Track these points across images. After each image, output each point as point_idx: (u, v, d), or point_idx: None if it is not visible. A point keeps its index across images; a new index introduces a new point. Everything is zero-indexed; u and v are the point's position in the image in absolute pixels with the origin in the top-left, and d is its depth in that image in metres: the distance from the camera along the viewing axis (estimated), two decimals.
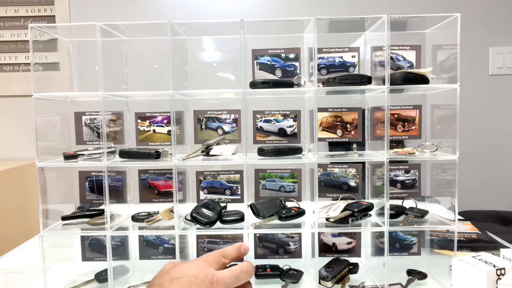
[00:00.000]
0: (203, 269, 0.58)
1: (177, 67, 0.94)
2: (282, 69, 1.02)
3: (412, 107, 1.00)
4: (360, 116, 1.01)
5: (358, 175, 1.00)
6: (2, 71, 2.19)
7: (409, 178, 1.00)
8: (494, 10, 2.10)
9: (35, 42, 0.95)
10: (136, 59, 1.10)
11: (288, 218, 0.92)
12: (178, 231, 0.91)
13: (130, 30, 1.03)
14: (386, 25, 0.86)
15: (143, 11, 2.16)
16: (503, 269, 0.63)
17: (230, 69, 1.19)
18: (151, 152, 0.93)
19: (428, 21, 0.96)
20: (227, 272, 0.59)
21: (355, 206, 0.92)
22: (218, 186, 1.04)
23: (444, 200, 1.02)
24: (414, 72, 0.90)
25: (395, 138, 0.99)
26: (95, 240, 1.03)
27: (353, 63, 1.01)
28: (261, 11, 2.16)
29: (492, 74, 2.13)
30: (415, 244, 1.01)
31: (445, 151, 0.92)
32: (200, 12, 2.16)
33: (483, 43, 2.11)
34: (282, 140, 1.03)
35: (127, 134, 1.07)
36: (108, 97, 0.94)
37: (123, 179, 1.04)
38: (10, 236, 1.78)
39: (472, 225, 1.23)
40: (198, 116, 1.05)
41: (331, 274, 0.86)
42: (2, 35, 2.17)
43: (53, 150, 1.00)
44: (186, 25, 0.97)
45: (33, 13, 2.16)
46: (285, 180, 1.03)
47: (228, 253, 0.64)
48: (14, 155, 2.19)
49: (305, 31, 1.02)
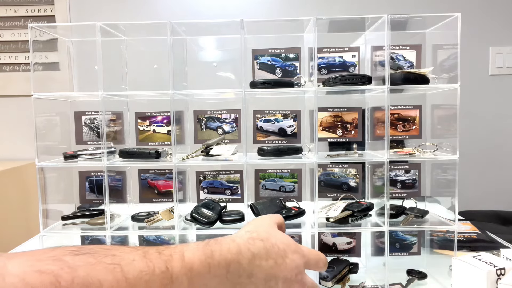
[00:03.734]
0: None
1: (177, 67, 0.94)
2: (282, 69, 1.02)
3: (412, 107, 1.00)
4: (360, 116, 1.01)
5: (358, 175, 1.00)
6: (2, 71, 2.19)
7: (409, 178, 1.00)
8: (494, 10, 2.10)
9: (35, 42, 0.95)
10: (136, 59, 1.10)
11: (288, 218, 0.92)
12: (178, 231, 0.91)
13: (130, 30, 1.03)
14: (386, 25, 0.86)
15: (143, 11, 2.16)
16: (503, 269, 0.63)
17: (230, 69, 1.19)
18: (151, 152, 0.93)
19: (428, 21, 0.96)
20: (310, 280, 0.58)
21: (355, 206, 0.92)
22: (218, 186, 1.04)
23: (444, 200, 1.02)
24: (414, 72, 0.90)
25: (395, 138, 0.99)
26: (95, 240, 1.03)
27: (353, 63, 1.01)
28: (261, 11, 2.16)
29: (492, 74, 2.13)
30: (415, 244, 1.01)
31: (445, 151, 0.92)
32: (200, 12, 2.17)
33: (483, 43, 2.11)
34: (282, 140, 1.03)
35: (127, 134, 1.07)
36: (108, 97, 0.94)
37: (123, 179, 1.04)
38: (10, 236, 1.78)
39: (472, 225, 1.23)
40: (198, 116, 1.05)
41: (331, 274, 0.86)
42: (2, 35, 2.17)
43: (53, 150, 1.00)
44: (186, 25, 0.97)
45: (33, 13, 2.16)
46: (285, 180, 1.03)
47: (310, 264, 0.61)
48: (14, 155, 2.19)
49: (305, 31, 1.02)
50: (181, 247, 0.48)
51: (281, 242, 0.55)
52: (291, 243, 0.56)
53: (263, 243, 0.53)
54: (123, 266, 0.41)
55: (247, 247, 0.52)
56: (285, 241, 0.56)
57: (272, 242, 0.54)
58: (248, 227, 0.58)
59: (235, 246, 0.51)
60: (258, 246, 0.53)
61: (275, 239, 0.55)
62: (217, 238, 0.53)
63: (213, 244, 0.51)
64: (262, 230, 0.56)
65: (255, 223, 0.59)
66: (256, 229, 0.56)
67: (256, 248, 0.52)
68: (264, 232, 0.56)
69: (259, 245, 0.53)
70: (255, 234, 0.55)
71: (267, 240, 0.54)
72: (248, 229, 0.56)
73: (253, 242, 0.53)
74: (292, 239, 0.57)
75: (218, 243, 0.51)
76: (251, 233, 0.55)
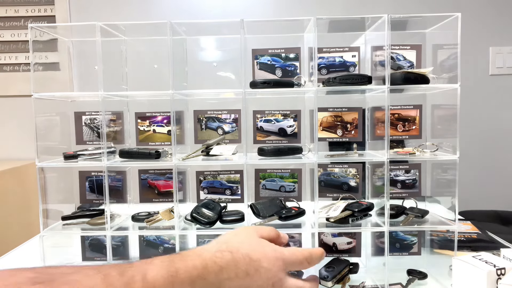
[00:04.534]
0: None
1: (177, 67, 0.94)
2: (282, 69, 1.02)
3: (413, 107, 1.00)
4: (360, 116, 1.01)
5: (358, 175, 1.00)
6: (2, 71, 2.19)
7: (410, 178, 1.00)
8: (495, 9, 2.10)
9: (35, 42, 0.95)
10: (136, 59, 1.10)
11: (288, 218, 0.92)
12: (178, 231, 0.91)
13: (130, 30, 1.03)
14: (386, 24, 0.86)
15: (143, 11, 2.16)
16: (504, 269, 0.63)
17: (230, 69, 1.19)
18: (151, 152, 0.93)
19: (428, 21, 0.96)
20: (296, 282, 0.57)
21: (355, 206, 0.92)
22: (218, 186, 1.03)
23: (445, 200, 1.02)
24: (414, 72, 0.90)
25: (396, 138, 0.99)
26: (95, 240, 1.03)
27: (353, 62, 1.01)
28: (261, 11, 2.16)
29: (493, 74, 2.13)
30: (415, 244, 1.01)
31: (446, 151, 0.92)
32: (200, 12, 2.17)
33: (484, 43, 2.11)
34: (282, 140, 1.03)
35: (127, 134, 1.07)
36: (108, 97, 0.94)
37: (123, 179, 1.04)
38: (10, 236, 1.78)
39: (472, 225, 1.23)
40: (198, 116, 1.05)
41: (331, 274, 0.86)
42: (2, 35, 2.17)
43: (53, 150, 1.00)
44: (186, 25, 0.97)
45: (33, 13, 2.16)
46: (285, 180, 1.03)
47: (313, 261, 0.60)
48: (14, 155, 2.19)
49: (305, 30, 1.02)
50: (145, 265, 0.47)
51: (254, 252, 0.53)
52: (268, 251, 0.54)
53: (232, 255, 0.52)
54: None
55: (213, 260, 0.50)
56: (260, 250, 0.54)
57: (242, 253, 0.52)
58: (221, 238, 0.56)
59: (201, 262, 0.50)
60: (226, 259, 0.51)
61: (247, 250, 0.53)
62: (183, 252, 0.52)
63: (178, 261, 0.49)
64: (235, 240, 0.55)
65: (230, 234, 0.58)
66: (227, 240, 0.55)
67: (223, 262, 0.51)
68: (236, 243, 0.54)
69: (227, 257, 0.51)
70: (224, 246, 0.53)
71: (237, 251, 0.52)
72: (219, 240, 0.55)
73: (220, 255, 0.51)
74: (273, 247, 0.55)
75: (183, 260, 0.50)
76: (220, 244, 0.54)
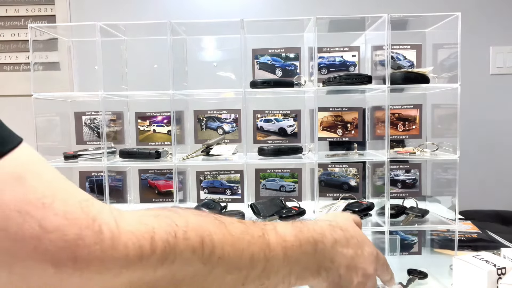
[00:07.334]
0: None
1: (177, 67, 0.94)
2: (282, 68, 1.02)
3: (413, 106, 1.00)
4: (361, 116, 1.01)
5: (358, 175, 1.00)
6: (2, 70, 2.19)
7: (410, 177, 1.00)
8: (495, 9, 2.10)
9: (35, 41, 0.95)
10: (136, 59, 1.10)
11: (289, 218, 0.92)
12: None
13: (130, 30, 1.03)
14: (386, 24, 0.86)
15: (143, 11, 2.16)
16: (504, 269, 0.63)
17: (230, 68, 1.19)
18: (151, 152, 0.93)
19: (428, 20, 0.96)
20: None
21: (356, 205, 0.91)
22: (219, 186, 1.03)
23: (445, 199, 1.02)
24: (414, 72, 0.90)
25: (396, 138, 0.99)
26: None
27: (354, 62, 1.01)
28: (261, 11, 2.16)
29: (493, 73, 2.13)
30: (415, 243, 1.01)
31: (446, 151, 0.92)
32: (200, 12, 2.16)
33: (484, 42, 2.10)
34: (282, 140, 1.03)
35: (127, 134, 1.07)
36: (108, 97, 0.94)
37: (123, 179, 1.04)
38: None
39: (472, 225, 1.23)
40: (198, 116, 1.04)
41: None
42: (2, 35, 2.17)
43: (53, 150, 1.00)
44: (186, 25, 0.97)
45: (34, 12, 2.15)
46: (285, 179, 1.02)
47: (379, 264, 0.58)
48: None
49: (305, 30, 1.01)
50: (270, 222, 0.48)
51: (359, 235, 0.54)
52: (367, 240, 0.56)
53: (343, 232, 0.52)
54: (227, 224, 0.41)
55: (329, 231, 0.51)
56: (362, 235, 0.55)
57: (351, 233, 0.53)
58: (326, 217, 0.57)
59: (319, 228, 0.50)
60: (339, 234, 0.52)
61: (353, 232, 0.54)
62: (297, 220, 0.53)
63: (298, 223, 0.50)
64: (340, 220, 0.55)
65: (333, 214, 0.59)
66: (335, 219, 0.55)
67: (337, 235, 0.51)
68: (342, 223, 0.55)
69: (339, 233, 0.52)
70: (335, 223, 0.54)
71: (346, 230, 0.53)
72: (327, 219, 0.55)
73: (333, 230, 0.52)
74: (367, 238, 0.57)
75: (302, 223, 0.50)
76: (330, 222, 0.54)
